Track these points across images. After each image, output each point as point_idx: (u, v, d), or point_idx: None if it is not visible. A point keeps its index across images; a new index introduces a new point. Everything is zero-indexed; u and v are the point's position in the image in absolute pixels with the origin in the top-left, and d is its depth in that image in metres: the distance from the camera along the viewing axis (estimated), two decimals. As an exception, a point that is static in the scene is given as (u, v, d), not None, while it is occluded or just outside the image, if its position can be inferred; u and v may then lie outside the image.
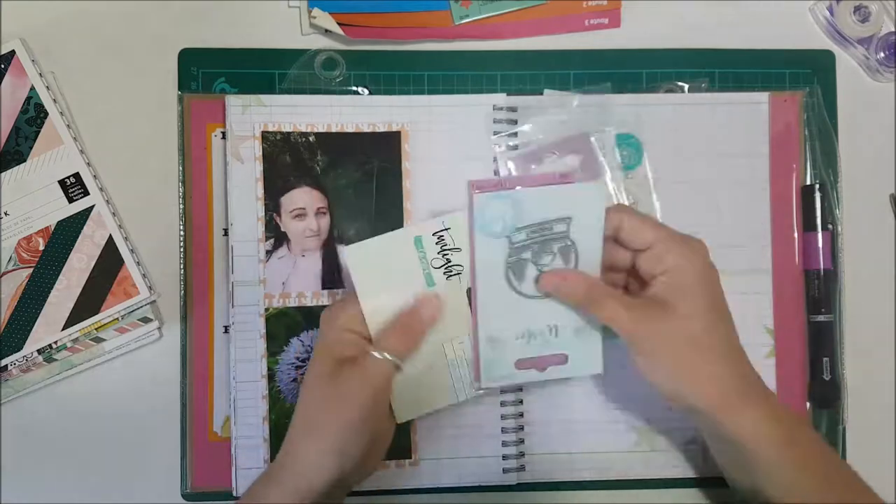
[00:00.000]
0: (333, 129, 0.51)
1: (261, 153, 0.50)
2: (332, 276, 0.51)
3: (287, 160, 0.51)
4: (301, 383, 0.45)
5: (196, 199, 0.51)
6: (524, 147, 0.52)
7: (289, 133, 0.51)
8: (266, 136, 0.51)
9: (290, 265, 0.50)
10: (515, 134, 0.52)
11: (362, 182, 0.51)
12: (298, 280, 0.50)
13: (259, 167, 0.50)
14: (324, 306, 0.50)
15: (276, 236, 0.50)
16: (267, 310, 0.50)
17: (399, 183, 0.51)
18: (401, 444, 0.50)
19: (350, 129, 0.51)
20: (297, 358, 0.50)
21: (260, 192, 0.50)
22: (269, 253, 0.50)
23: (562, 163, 0.51)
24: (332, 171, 0.51)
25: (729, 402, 0.41)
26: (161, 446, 0.51)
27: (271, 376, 0.50)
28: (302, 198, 0.51)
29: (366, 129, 0.51)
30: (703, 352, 0.41)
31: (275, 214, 0.51)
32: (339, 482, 0.42)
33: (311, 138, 0.51)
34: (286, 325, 0.50)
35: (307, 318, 0.50)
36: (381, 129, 0.51)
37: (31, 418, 0.51)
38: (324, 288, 0.51)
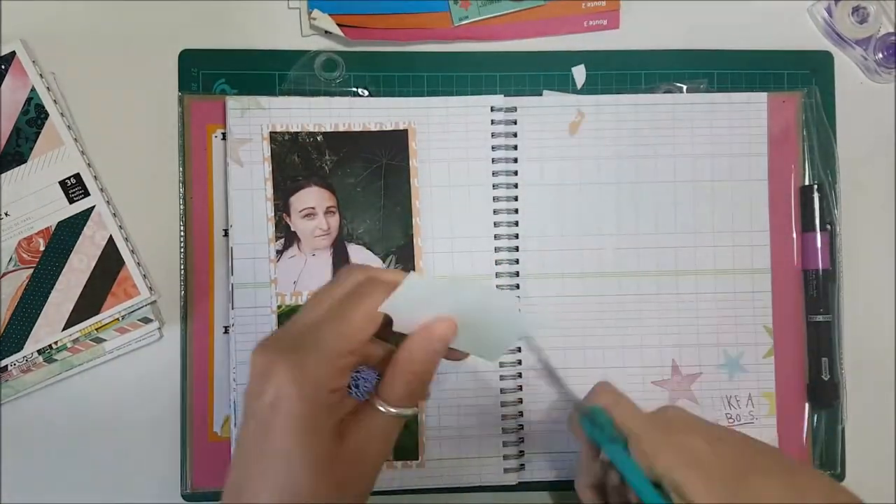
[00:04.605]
0: (341, 129, 0.51)
1: (269, 154, 0.51)
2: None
3: (295, 160, 0.51)
4: (246, 428, 0.33)
5: (196, 200, 0.51)
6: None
7: (297, 133, 0.51)
8: (274, 137, 0.51)
9: (300, 265, 0.51)
10: (514, 134, 0.52)
11: (371, 180, 0.51)
12: (309, 279, 0.51)
13: (268, 167, 0.51)
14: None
15: (286, 236, 0.51)
16: (279, 307, 0.50)
17: (407, 181, 0.51)
18: (408, 445, 0.50)
19: (357, 128, 0.51)
20: None
21: (269, 192, 0.51)
22: (279, 253, 0.50)
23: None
24: (341, 170, 0.51)
25: None
26: (161, 447, 0.51)
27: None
28: (311, 197, 0.51)
29: (373, 128, 0.51)
30: None
31: (284, 214, 0.51)
32: None
33: (318, 138, 0.51)
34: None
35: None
36: (389, 127, 0.52)
37: (31, 419, 0.51)
38: (335, 287, 0.51)
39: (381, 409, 0.34)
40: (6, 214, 0.49)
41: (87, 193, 0.49)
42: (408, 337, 0.35)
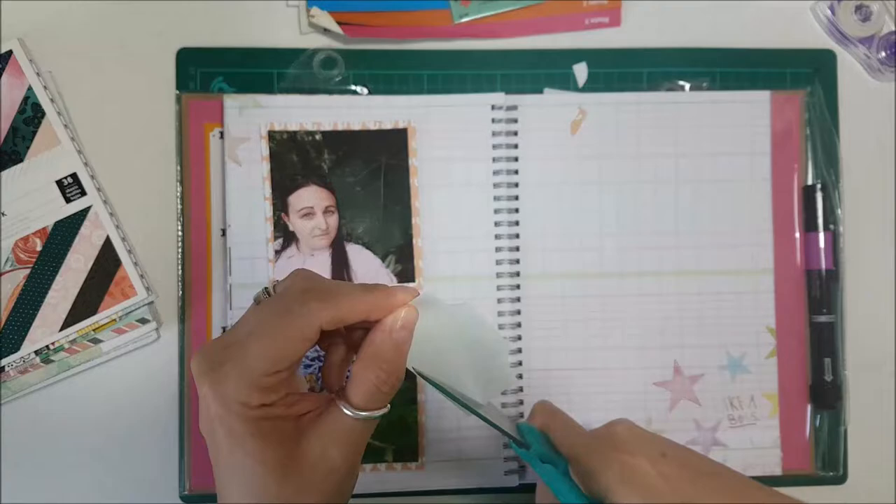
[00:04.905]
0: (340, 128, 0.51)
1: (268, 152, 0.50)
2: (342, 274, 0.50)
3: (294, 159, 0.51)
4: (215, 432, 0.33)
5: (194, 199, 0.51)
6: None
7: (295, 132, 0.51)
8: (272, 136, 0.50)
9: (299, 265, 0.50)
10: (515, 133, 0.52)
11: (370, 180, 0.51)
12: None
13: (266, 166, 0.50)
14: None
15: (285, 236, 0.50)
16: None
17: (407, 180, 0.51)
18: (408, 446, 0.50)
19: (356, 127, 0.51)
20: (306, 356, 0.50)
21: (268, 191, 0.50)
22: (277, 253, 0.50)
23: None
24: (340, 169, 0.51)
25: None
26: (159, 448, 0.50)
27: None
28: (310, 197, 0.51)
29: (372, 127, 0.51)
30: None
31: (283, 214, 0.50)
32: None
33: (317, 136, 0.51)
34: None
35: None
36: (388, 126, 0.51)
37: (29, 420, 0.50)
38: (334, 286, 0.50)
39: (348, 412, 0.33)
40: (3, 214, 0.48)
41: (83, 193, 0.49)
42: (369, 333, 0.34)
